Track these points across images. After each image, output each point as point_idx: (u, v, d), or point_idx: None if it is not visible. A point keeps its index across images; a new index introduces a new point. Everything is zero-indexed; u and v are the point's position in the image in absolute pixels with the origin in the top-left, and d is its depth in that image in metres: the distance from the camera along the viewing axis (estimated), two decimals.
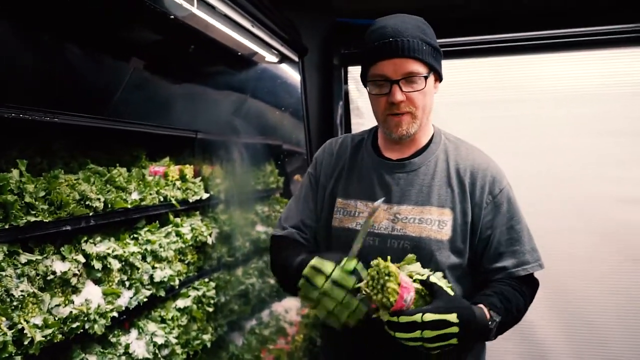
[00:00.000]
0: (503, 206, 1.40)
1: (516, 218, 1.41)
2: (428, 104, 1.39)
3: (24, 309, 1.42)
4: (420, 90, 1.33)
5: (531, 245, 1.42)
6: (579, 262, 2.33)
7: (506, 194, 1.41)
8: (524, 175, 2.40)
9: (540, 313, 2.38)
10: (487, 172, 1.42)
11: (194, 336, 2.32)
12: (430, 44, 1.35)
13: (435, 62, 1.37)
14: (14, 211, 1.39)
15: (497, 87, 2.43)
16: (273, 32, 1.96)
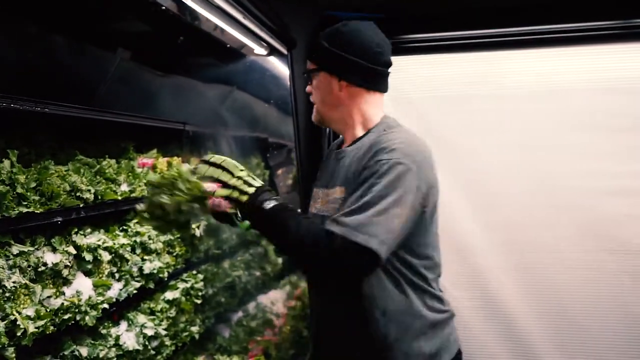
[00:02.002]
0: (377, 174, 1.30)
1: (379, 192, 1.27)
2: (323, 98, 1.52)
3: (16, 301, 1.42)
4: (313, 85, 1.53)
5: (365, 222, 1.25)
6: (561, 254, 2.39)
7: (387, 166, 1.29)
8: (502, 170, 2.45)
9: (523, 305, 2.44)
10: (386, 144, 1.34)
11: (182, 328, 2.33)
12: (326, 46, 1.46)
13: (328, 62, 1.47)
14: (6, 202, 1.38)
15: (480, 82, 2.46)
16: (263, 24, 1.96)
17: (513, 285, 2.44)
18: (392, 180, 1.28)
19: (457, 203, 2.49)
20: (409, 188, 1.29)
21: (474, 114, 2.47)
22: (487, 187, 2.47)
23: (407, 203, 1.28)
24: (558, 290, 2.39)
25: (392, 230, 1.26)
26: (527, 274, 2.42)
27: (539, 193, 2.42)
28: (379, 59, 1.46)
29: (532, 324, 2.42)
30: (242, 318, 3.08)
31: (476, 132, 2.47)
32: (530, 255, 2.42)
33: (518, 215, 2.42)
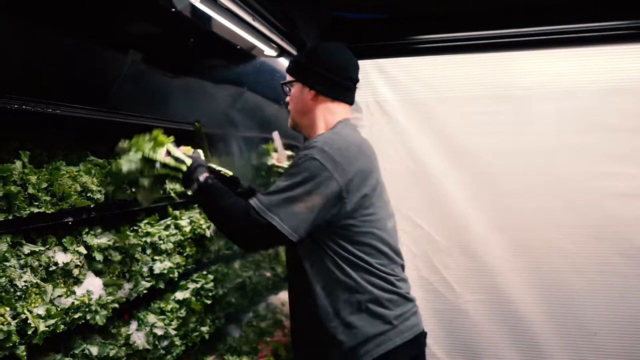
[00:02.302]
0: (295, 166, 1.54)
1: (290, 176, 1.52)
2: (296, 106, 1.80)
3: (28, 299, 1.43)
4: (290, 95, 1.81)
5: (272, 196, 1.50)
6: (571, 257, 2.37)
7: (302, 158, 1.53)
8: (513, 171, 2.43)
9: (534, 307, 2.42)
10: (312, 142, 1.58)
11: (192, 328, 2.34)
12: (302, 62, 1.77)
13: (302, 74, 1.77)
14: (18, 202, 1.40)
15: (489, 83, 2.45)
16: (272, 26, 1.97)
17: (524, 288, 2.42)
18: (304, 172, 1.51)
19: (467, 205, 2.48)
20: (320, 180, 1.50)
21: (484, 116, 2.46)
22: (497, 189, 2.46)
23: (316, 193, 1.49)
24: (570, 293, 2.37)
25: (298, 215, 1.48)
26: (539, 276, 2.40)
27: (551, 195, 2.40)
28: (345, 74, 1.75)
29: (542, 326, 2.40)
30: (252, 319, 3.09)
31: (485, 133, 2.46)
32: (541, 257, 2.40)
33: (529, 217, 2.41)
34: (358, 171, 1.57)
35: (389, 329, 1.58)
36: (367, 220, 1.59)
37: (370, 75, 2.60)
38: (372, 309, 1.58)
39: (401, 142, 2.58)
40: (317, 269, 1.61)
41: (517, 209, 2.42)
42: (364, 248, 1.59)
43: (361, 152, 1.64)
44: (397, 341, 1.58)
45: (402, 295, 1.65)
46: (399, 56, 2.57)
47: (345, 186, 1.53)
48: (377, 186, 1.67)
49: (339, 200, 1.53)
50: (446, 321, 2.54)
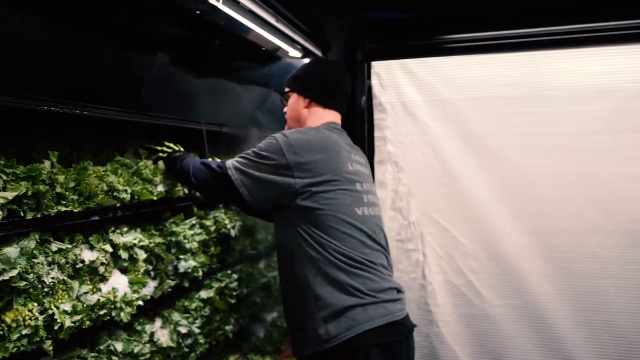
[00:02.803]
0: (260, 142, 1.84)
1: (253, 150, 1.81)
2: (291, 114, 2.05)
3: (55, 296, 1.47)
4: (287, 105, 2.07)
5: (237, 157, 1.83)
6: (604, 262, 2.29)
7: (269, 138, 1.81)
8: (544, 173, 2.36)
9: (564, 313, 2.35)
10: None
11: (216, 326, 2.36)
12: (298, 75, 2.04)
13: (297, 85, 2.02)
14: (46, 201, 1.44)
15: (518, 83, 2.39)
16: (296, 27, 1.97)
17: (554, 293, 2.36)
18: (264, 147, 1.78)
19: (494, 207, 2.43)
20: (272, 156, 1.75)
21: (513, 116, 2.40)
22: (526, 192, 2.40)
23: (268, 165, 1.75)
24: (603, 300, 2.30)
25: (249, 177, 1.77)
26: (570, 281, 2.34)
27: (583, 198, 2.33)
28: (336, 85, 1.99)
29: (573, 334, 2.33)
30: (277, 319, 3.10)
31: (515, 134, 2.41)
32: (573, 262, 2.33)
33: (560, 221, 2.34)
34: (314, 158, 1.76)
35: (355, 304, 1.68)
36: (328, 204, 1.75)
37: (396, 76, 2.58)
38: (339, 283, 1.71)
39: (427, 143, 2.55)
40: (292, 247, 1.79)
41: (548, 212, 2.36)
42: (328, 230, 1.74)
43: (323, 145, 1.80)
44: (366, 326, 1.66)
45: (372, 279, 1.74)
46: (425, 56, 2.53)
47: (294, 166, 1.74)
48: (346, 176, 1.82)
49: (289, 177, 1.74)
50: (472, 326, 2.50)
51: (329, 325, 1.68)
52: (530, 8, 2.33)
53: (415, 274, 2.57)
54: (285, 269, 1.87)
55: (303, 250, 1.76)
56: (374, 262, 1.78)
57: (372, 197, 1.92)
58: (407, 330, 1.80)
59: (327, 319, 1.69)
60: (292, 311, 1.87)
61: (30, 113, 1.46)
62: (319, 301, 1.71)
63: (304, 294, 1.75)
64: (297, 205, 1.76)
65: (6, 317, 1.31)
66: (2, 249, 1.31)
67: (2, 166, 1.37)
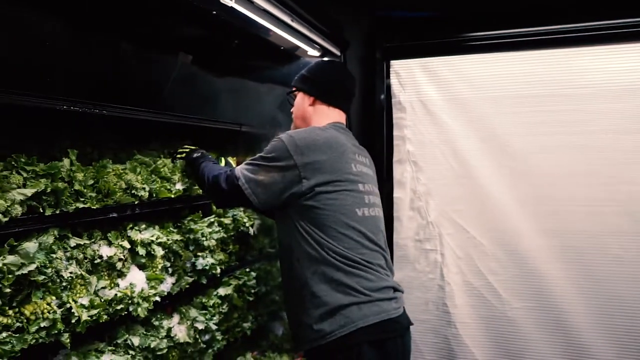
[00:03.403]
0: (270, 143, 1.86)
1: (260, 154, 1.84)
2: (297, 112, 2.09)
3: (73, 290, 1.52)
4: (294, 104, 2.12)
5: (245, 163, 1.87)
6: (626, 265, 2.22)
7: (275, 140, 1.83)
8: (565, 174, 2.31)
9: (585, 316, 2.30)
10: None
11: (234, 323, 2.38)
12: (305, 75, 2.08)
13: (304, 84, 2.06)
14: (64, 198, 1.48)
15: (538, 81, 2.34)
16: (313, 26, 1.98)
17: (575, 296, 2.31)
18: (271, 150, 1.81)
19: (515, 208, 2.39)
20: (279, 158, 1.78)
21: (536, 115, 2.36)
22: (548, 192, 2.35)
23: (275, 168, 1.78)
24: (625, 303, 2.24)
25: (258, 182, 1.79)
26: (591, 284, 2.28)
27: (607, 199, 2.26)
28: (340, 84, 2.04)
29: (594, 337, 2.28)
30: None
31: (537, 134, 2.36)
32: (595, 264, 2.27)
33: (582, 222, 2.29)
34: (319, 158, 1.78)
35: (350, 303, 1.71)
36: (330, 204, 1.77)
37: (415, 75, 2.56)
38: (336, 282, 1.73)
39: (446, 143, 2.52)
40: (291, 244, 1.83)
41: (569, 212, 2.30)
42: (327, 229, 1.77)
43: (328, 145, 1.82)
44: (360, 324, 1.69)
45: (368, 278, 1.76)
46: (445, 55, 2.51)
47: (302, 167, 1.76)
48: (350, 177, 1.84)
49: (296, 178, 1.76)
50: (492, 329, 2.46)
51: (324, 323, 1.72)
52: (554, 4, 2.28)
53: (433, 274, 2.54)
54: (285, 266, 1.91)
55: (302, 247, 1.79)
56: (371, 262, 1.81)
57: (373, 198, 1.95)
58: (402, 328, 1.82)
59: (322, 316, 1.73)
60: (291, 307, 1.92)
61: (50, 112, 1.51)
62: (315, 299, 1.75)
63: (301, 291, 1.79)
64: (299, 204, 1.79)
65: (25, 310, 1.36)
66: (21, 244, 1.35)
67: (23, 164, 1.42)
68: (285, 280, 1.94)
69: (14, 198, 1.32)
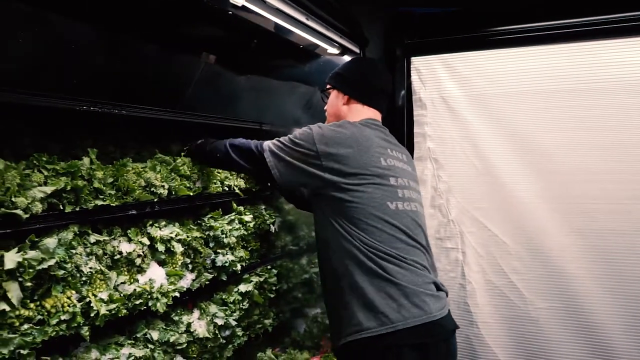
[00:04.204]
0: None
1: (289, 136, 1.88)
2: (331, 110, 2.09)
3: (92, 284, 1.57)
4: (327, 102, 2.12)
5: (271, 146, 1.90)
6: None
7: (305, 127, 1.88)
8: (591, 170, 2.24)
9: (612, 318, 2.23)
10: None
11: (255, 320, 2.41)
12: (339, 72, 2.08)
13: (338, 82, 2.06)
14: (84, 195, 1.53)
15: (562, 76, 2.27)
16: (330, 24, 1.98)
17: (601, 296, 2.24)
18: (299, 135, 1.85)
19: (538, 206, 2.34)
20: (304, 144, 1.82)
21: (559, 111, 2.30)
22: (573, 190, 2.29)
23: (299, 152, 1.82)
24: None
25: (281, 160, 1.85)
26: (618, 284, 2.21)
27: (634, 197, 2.18)
28: (375, 83, 2.02)
29: (621, 339, 2.21)
30: (318, 315, 3.12)
31: (561, 130, 2.30)
32: (622, 264, 2.20)
33: (607, 220, 2.22)
34: (343, 151, 1.79)
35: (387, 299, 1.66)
36: (358, 197, 1.76)
37: (436, 71, 2.53)
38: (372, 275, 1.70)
39: (467, 140, 2.48)
40: (327, 237, 1.82)
41: (594, 210, 2.24)
42: (357, 222, 1.75)
43: (354, 139, 1.83)
44: (399, 326, 1.62)
45: (404, 273, 1.71)
46: (466, 50, 2.47)
47: (323, 156, 1.79)
48: (377, 171, 1.82)
49: (318, 166, 1.79)
50: (515, 329, 2.41)
51: (360, 316, 1.67)
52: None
53: (454, 272, 2.51)
54: (323, 258, 1.89)
55: (337, 240, 1.78)
56: (406, 257, 1.73)
57: (409, 193, 1.89)
58: (447, 331, 1.72)
59: (358, 309, 1.68)
60: (329, 300, 1.89)
61: (71, 113, 1.56)
62: (351, 291, 1.71)
63: (339, 283, 1.76)
64: (330, 196, 1.79)
65: (46, 303, 1.41)
66: (42, 240, 1.40)
67: (44, 163, 1.47)
68: (323, 272, 1.91)
69: (34, 195, 1.37)
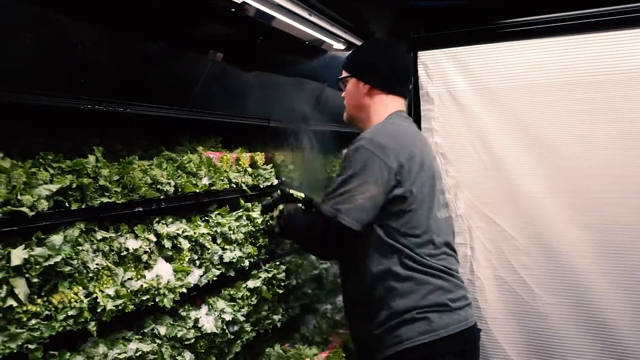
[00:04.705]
0: (346, 159, 1.65)
1: (343, 170, 1.63)
2: (351, 100, 1.89)
3: (99, 281, 1.59)
4: (345, 90, 1.91)
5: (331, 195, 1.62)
6: None
7: (351, 151, 1.63)
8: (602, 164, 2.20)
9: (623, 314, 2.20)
10: (360, 135, 1.68)
11: (264, 316, 2.42)
12: (356, 58, 1.89)
13: (357, 70, 1.86)
14: (89, 193, 1.55)
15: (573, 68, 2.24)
16: (333, 19, 1.97)
17: (611, 291, 2.21)
18: (356, 164, 1.60)
19: (548, 201, 2.31)
20: (372, 168, 1.58)
21: (567, 104, 2.27)
22: (583, 184, 2.25)
23: (371, 181, 1.57)
24: None
25: (359, 206, 1.57)
26: (629, 279, 2.18)
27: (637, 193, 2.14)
28: (398, 68, 1.83)
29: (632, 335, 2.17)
30: (328, 310, 3.13)
31: (570, 123, 2.27)
32: (632, 259, 2.17)
33: (619, 215, 2.18)
34: (410, 157, 1.63)
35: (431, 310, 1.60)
36: (414, 207, 1.63)
37: (443, 65, 2.51)
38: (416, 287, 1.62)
39: (475, 134, 2.46)
40: (368, 247, 1.68)
41: (606, 205, 2.20)
42: (411, 230, 1.64)
43: (412, 141, 1.69)
44: (442, 333, 1.58)
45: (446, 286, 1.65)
46: (473, 43, 2.44)
47: (398, 169, 1.60)
48: (429, 175, 1.70)
49: (394, 184, 1.60)
50: (524, 325, 2.39)
51: (402, 328, 1.60)
52: None
53: (463, 268, 2.49)
54: (352, 268, 1.76)
55: (380, 251, 1.66)
56: (449, 268, 1.69)
57: (443, 198, 1.82)
58: (477, 337, 1.72)
59: (400, 321, 1.61)
60: (359, 314, 1.77)
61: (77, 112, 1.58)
62: (393, 302, 1.62)
63: (374, 294, 1.66)
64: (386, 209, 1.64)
65: (53, 299, 1.44)
66: (48, 237, 1.43)
67: (50, 161, 1.50)
68: (352, 285, 1.78)
69: (40, 193, 1.39)
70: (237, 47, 2.30)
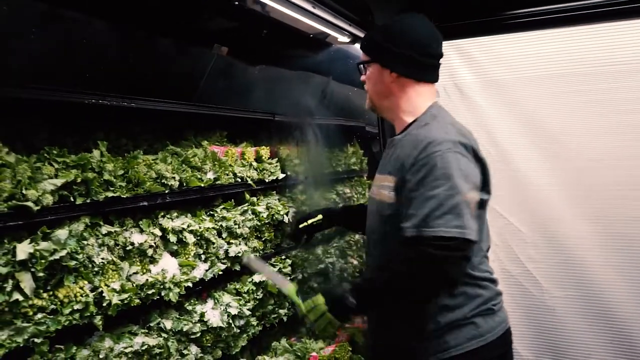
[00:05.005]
0: (422, 170, 1.40)
1: (431, 185, 1.37)
2: (375, 88, 1.64)
3: (105, 275, 1.60)
4: (366, 75, 1.65)
5: (429, 214, 1.35)
6: None
7: (431, 160, 1.38)
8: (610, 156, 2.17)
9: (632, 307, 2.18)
10: (424, 140, 1.44)
11: (270, 310, 2.43)
12: (379, 40, 1.58)
13: (380, 54, 1.59)
14: (94, 187, 1.55)
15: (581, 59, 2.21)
16: (337, 11, 1.96)
17: (619, 284, 2.19)
18: (445, 171, 1.36)
19: (555, 194, 2.29)
20: (465, 170, 1.39)
21: (574, 95, 2.24)
22: (590, 177, 2.23)
23: (469, 185, 1.38)
24: None
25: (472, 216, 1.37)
26: (638, 272, 2.14)
27: None
28: (428, 51, 1.57)
29: None
30: None
31: (577, 115, 2.24)
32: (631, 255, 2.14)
33: (627, 208, 2.16)
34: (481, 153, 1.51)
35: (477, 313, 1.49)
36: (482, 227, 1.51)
37: (449, 57, 2.48)
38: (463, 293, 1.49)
39: (482, 127, 2.43)
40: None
41: (613, 198, 2.18)
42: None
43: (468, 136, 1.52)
44: (489, 337, 1.49)
45: (491, 288, 1.56)
46: (479, 35, 2.42)
47: (482, 165, 1.48)
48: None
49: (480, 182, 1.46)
50: (532, 318, 2.37)
51: (447, 335, 1.49)
52: None
53: None
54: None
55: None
56: (490, 273, 1.59)
57: None
58: (512, 337, 1.64)
59: (446, 327, 1.49)
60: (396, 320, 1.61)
61: (82, 106, 1.58)
62: (441, 317, 1.50)
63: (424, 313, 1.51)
64: None
65: (59, 293, 1.44)
66: (54, 231, 1.43)
67: (55, 156, 1.50)
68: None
69: (45, 188, 1.40)
70: (242, 41, 2.29)
